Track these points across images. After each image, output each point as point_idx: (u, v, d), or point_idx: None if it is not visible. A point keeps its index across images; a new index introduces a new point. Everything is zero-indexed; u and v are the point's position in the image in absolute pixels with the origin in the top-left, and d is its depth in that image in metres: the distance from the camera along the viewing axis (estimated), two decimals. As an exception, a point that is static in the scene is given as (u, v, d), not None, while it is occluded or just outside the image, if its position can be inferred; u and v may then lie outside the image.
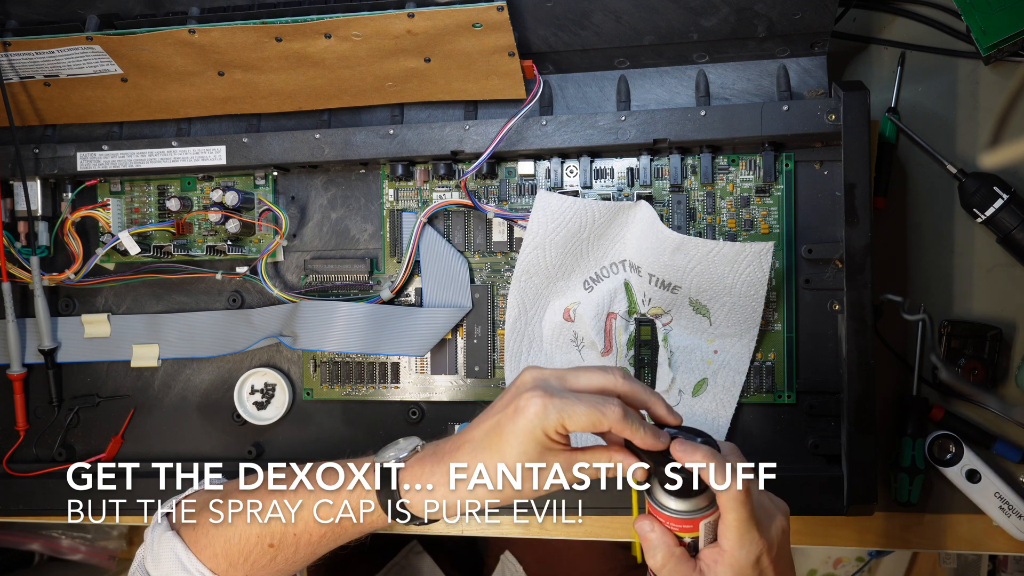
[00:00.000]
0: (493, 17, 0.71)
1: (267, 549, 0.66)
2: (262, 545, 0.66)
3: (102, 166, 0.84)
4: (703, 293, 0.76)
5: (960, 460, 0.80)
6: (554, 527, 0.87)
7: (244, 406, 0.86)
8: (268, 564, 0.66)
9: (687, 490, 0.57)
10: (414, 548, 1.13)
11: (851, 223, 0.72)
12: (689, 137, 0.76)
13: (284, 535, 0.65)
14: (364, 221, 0.85)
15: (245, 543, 0.66)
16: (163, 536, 0.67)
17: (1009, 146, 0.81)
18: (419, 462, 0.62)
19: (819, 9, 0.73)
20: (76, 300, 0.89)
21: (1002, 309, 0.81)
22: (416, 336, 0.81)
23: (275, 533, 0.65)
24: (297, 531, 0.65)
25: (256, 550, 0.66)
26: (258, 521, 0.65)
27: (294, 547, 0.66)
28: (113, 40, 0.76)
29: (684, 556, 0.59)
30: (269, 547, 0.66)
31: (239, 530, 0.66)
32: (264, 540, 0.66)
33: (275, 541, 0.66)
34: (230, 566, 0.66)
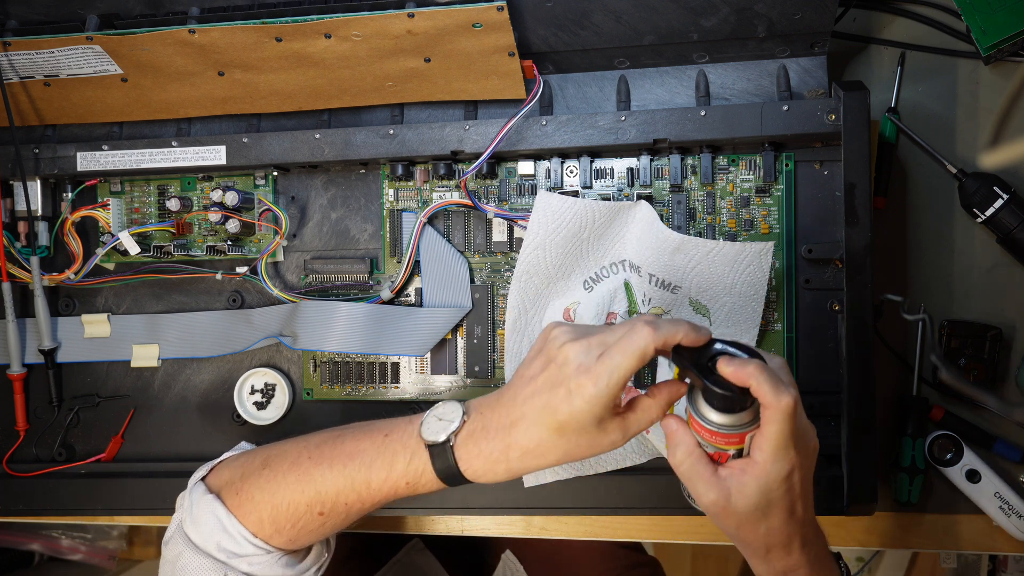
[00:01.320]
0: (493, 17, 0.71)
1: (317, 516, 0.66)
2: (312, 513, 0.66)
3: (102, 166, 0.84)
4: (703, 293, 0.76)
5: (960, 460, 0.80)
6: (554, 527, 0.87)
7: (244, 406, 0.86)
8: (317, 529, 0.67)
9: (733, 404, 0.56)
10: (416, 545, 1.13)
11: (851, 223, 0.72)
12: (689, 137, 0.76)
13: (335, 504, 0.66)
14: (364, 221, 0.85)
15: (294, 511, 0.66)
16: (203, 499, 0.67)
17: (1009, 146, 0.81)
18: (472, 439, 0.62)
19: (819, 9, 0.73)
20: (76, 300, 0.89)
21: (1002, 309, 0.81)
22: (416, 336, 0.81)
23: (326, 503, 0.66)
24: (349, 500, 0.65)
25: (305, 517, 0.66)
26: (309, 492, 0.66)
27: (345, 515, 0.66)
28: (113, 40, 0.76)
29: (704, 457, 0.59)
30: (319, 515, 0.66)
31: (289, 498, 0.66)
32: (314, 509, 0.66)
33: (325, 510, 0.66)
34: (276, 531, 0.66)
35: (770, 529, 0.59)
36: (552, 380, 0.58)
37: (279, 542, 0.67)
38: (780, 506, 0.58)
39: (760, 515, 0.58)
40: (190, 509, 0.68)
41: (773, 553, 0.60)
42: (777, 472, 0.56)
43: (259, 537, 0.66)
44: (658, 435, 0.77)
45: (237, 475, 0.69)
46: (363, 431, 0.67)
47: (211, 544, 0.66)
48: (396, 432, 0.65)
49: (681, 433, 0.59)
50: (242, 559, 0.66)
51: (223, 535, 0.66)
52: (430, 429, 0.63)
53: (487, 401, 0.63)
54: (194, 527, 0.67)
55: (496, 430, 0.61)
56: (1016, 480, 0.81)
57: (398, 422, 0.66)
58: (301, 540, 0.68)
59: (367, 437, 0.66)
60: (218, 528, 0.66)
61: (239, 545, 0.66)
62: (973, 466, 0.79)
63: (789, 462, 0.56)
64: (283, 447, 0.69)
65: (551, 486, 0.79)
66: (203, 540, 0.66)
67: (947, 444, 0.80)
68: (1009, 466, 0.81)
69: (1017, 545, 0.81)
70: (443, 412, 0.64)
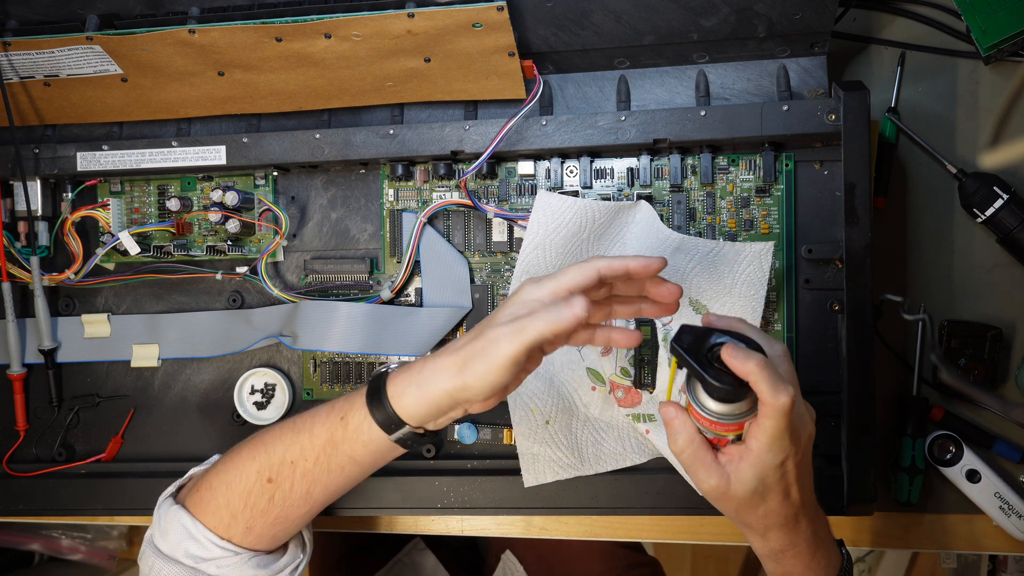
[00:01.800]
0: (493, 17, 0.71)
1: (266, 485, 0.66)
2: (261, 482, 0.66)
3: (102, 166, 0.84)
4: (703, 293, 0.76)
5: (960, 460, 0.80)
6: (554, 527, 0.87)
7: (244, 406, 0.86)
8: (267, 505, 0.66)
9: (733, 395, 0.57)
10: (417, 545, 1.13)
11: (851, 223, 0.72)
12: (689, 137, 0.76)
13: (281, 465, 0.65)
14: (364, 221, 0.85)
15: (245, 484, 0.66)
16: (169, 510, 0.68)
17: (1009, 146, 0.81)
18: (404, 368, 0.62)
19: (819, 9, 0.73)
20: (76, 300, 0.89)
21: (1002, 309, 0.81)
22: (416, 336, 0.81)
23: (272, 466, 0.65)
24: (294, 458, 0.65)
25: (256, 489, 0.66)
26: (259, 459, 0.66)
27: (291, 478, 0.65)
28: (113, 40, 0.76)
29: (705, 444, 0.60)
30: (268, 483, 0.66)
31: (239, 471, 0.66)
32: (263, 476, 0.66)
33: (273, 474, 0.66)
34: (232, 518, 0.66)
35: (768, 511, 0.60)
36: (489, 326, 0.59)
37: (238, 532, 0.67)
38: (776, 490, 0.59)
39: (758, 499, 0.60)
40: (158, 522, 0.69)
41: (771, 533, 0.62)
42: (772, 460, 0.58)
43: (220, 534, 0.67)
44: (658, 435, 0.77)
45: (198, 478, 0.70)
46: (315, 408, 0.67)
47: (179, 551, 0.67)
48: (342, 400, 0.65)
49: (682, 421, 0.61)
50: (210, 562, 0.66)
51: (190, 541, 0.67)
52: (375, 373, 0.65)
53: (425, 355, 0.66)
54: (162, 538, 0.68)
55: (424, 363, 0.61)
56: (1016, 480, 0.81)
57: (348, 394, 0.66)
58: (256, 525, 0.67)
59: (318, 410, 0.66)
60: (184, 535, 0.67)
61: (205, 549, 0.66)
62: (973, 466, 0.79)
63: (783, 451, 0.58)
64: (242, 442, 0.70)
65: (551, 486, 0.79)
66: (171, 549, 0.67)
67: (947, 444, 0.80)
68: (1009, 466, 0.81)
69: (1017, 545, 0.81)
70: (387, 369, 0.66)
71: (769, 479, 0.59)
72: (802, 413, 0.60)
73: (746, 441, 0.59)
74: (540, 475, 0.79)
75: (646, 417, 0.78)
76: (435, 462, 0.82)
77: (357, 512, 0.83)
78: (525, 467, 0.79)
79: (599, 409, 0.80)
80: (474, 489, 0.80)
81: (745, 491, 0.59)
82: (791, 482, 0.60)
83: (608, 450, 0.79)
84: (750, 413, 0.58)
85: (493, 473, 0.80)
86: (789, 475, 0.59)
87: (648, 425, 0.77)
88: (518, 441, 0.79)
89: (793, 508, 0.61)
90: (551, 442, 0.79)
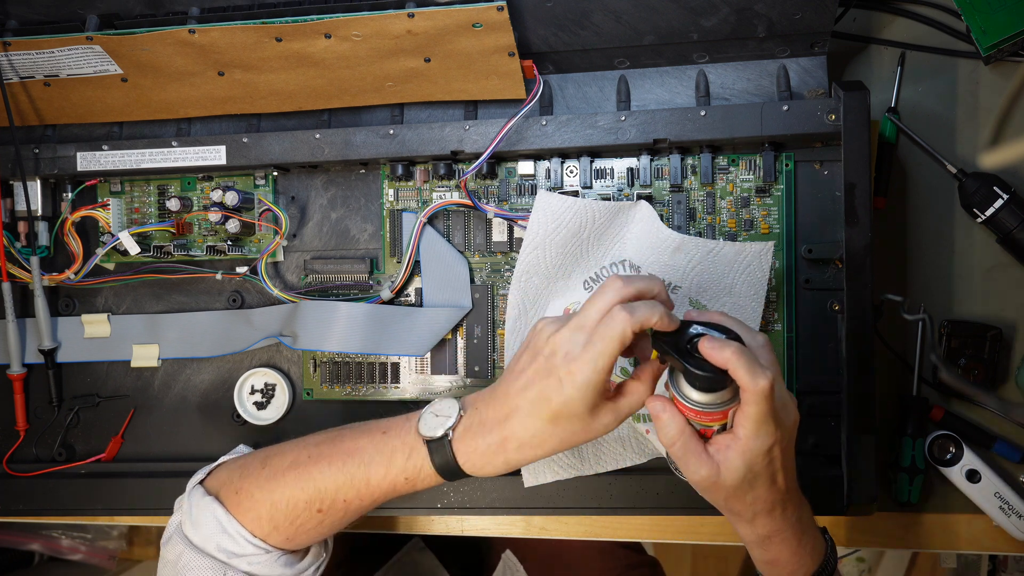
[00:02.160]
0: (493, 17, 0.71)
1: (315, 514, 0.67)
2: (311, 510, 0.67)
3: (102, 166, 0.84)
4: (703, 293, 0.76)
5: (960, 460, 0.80)
6: (554, 527, 0.87)
7: (244, 406, 0.86)
8: (315, 527, 0.68)
9: (714, 384, 0.58)
10: (416, 545, 1.13)
11: (851, 223, 0.72)
12: (689, 137, 0.76)
13: (335, 501, 0.67)
14: (364, 221, 0.85)
15: (293, 508, 0.67)
16: (201, 501, 0.68)
17: (1009, 146, 0.81)
18: (469, 433, 0.63)
19: (819, 9, 0.73)
20: (76, 300, 0.89)
21: (1002, 309, 0.81)
22: (416, 336, 0.81)
23: (325, 500, 0.67)
24: (348, 497, 0.67)
25: (304, 515, 0.67)
26: (308, 489, 0.67)
27: (343, 512, 0.68)
28: (113, 40, 0.76)
29: (695, 436, 0.61)
30: (318, 512, 0.67)
31: (288, 495, 0.67)
32: (313, 506, 0.67)
33: (324, 507, 0.67)
34: (274, 529, 0.67)
35: (755, 498, 0.61)
36: (542, 371, 0.61)
37: (277, 540, 0.68)
38: (763, 477, 0.60)
39: (747, 486, 0.60)
40: (189, 512, 0.68)
41: (758, 519, 0.63)
42: (759, 447, 0.59)
43: (257, 536, 0.67)
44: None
45: (236, 475, 0.70)
46: (361, 429, 0.68)
47: (211, 545, 0.67)
48: (394, 429, 0.66)
49: (670, 413, 0.61)
50: (242, 559, 0.67)
51: (223, 536, 0.67)
52: (427, 425, 0.64)
53: (482, 396, 0.65)
54: (194, 528, 0.67)
55: (492, 424, 0.63)
56: (1016, 480, 0.81)
57: (395, 420, 0.67)
58: (298, 539, 0.68)
59: (365, 435, 0.67)
60: (218, 529, 0.67)
61: (239, 545, 0.67)
62: (973, 466, 0.79)
63: (770, 436, 0.59)
64: (282, 447, 0.70)
65: (551, 486, 0.79)
66: (203, 541, 0.67)
67: (947, 444, 0.80)
68: (1009, 466, 0.81)
69: (1017, 545, 0.81)
70: (439, 408, 0.65)
71: (757, 466, 0.59)
72: (785, 400, 0.61)
73: (733, 429, 0.59)
74: (540, 475, 0.79)
75: (646, 417, 0.78)
76: (435, 462, 0.82)
77: (357, 512, 0.84)
78: (525, 467, 0.79)
79: (599, 409, 0.80)
80: (474, 489, 0.80)
81: (734, 479, 0.60)
82: (777, 468, 0.61)
83: (608, 450, 0.79)
84: (732, 401, 0.59)
85: (493, 473, 0.80)
86: (776, 461, 0.60)
87: (648, 425, 0.77)
88: (518, 441, 0.79)
89: (779, 494, 0.62)
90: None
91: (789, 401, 0.62)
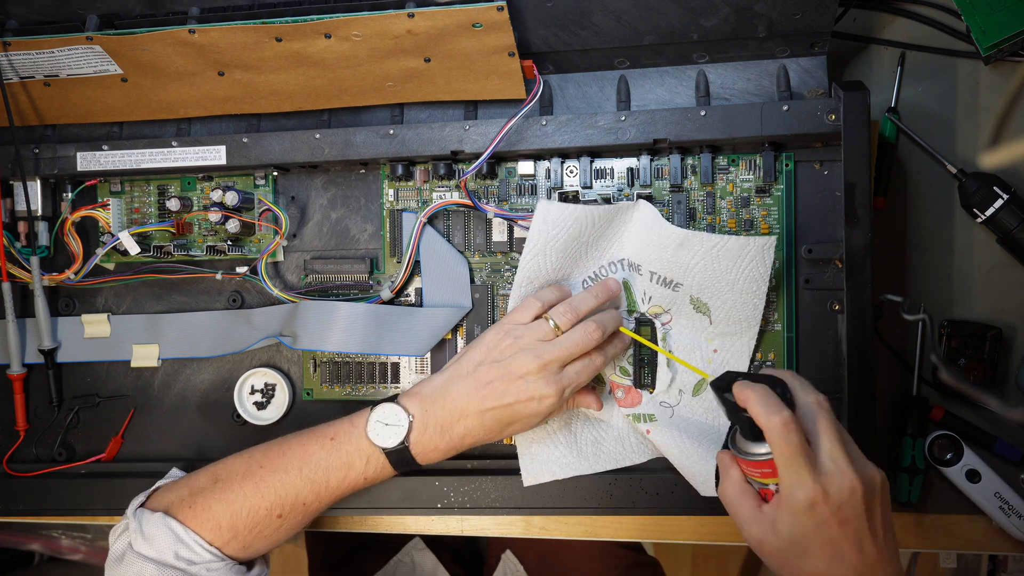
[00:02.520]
0: (493, 17, 0.71)
1: (275, 519, 0.70)
2: (271, 516, 0.70)
3: (102, 166, 0.84)
4: (704, 291, 0.76)
5: (960, 460, 0.80)
6: (554, 527, 0.87)
7: (244, 406, 0.86)
8: (273, 533, 0.71)
9: (746, 426, 0.58)
10: (416, 545, 1.13)
11: (851, 223, 0.72)
12: (689, 137, 0.76)
13: (294, 505, 0.70)
14: (364, 221, 0.85)
15: (253, 516, 0.69)
16: (152, 518, 0.69)
17: (1009, 146, 0.81)
18: (424, 436, 0.70)
19: (819, 9, 0.73)
20: (76, 300, 0.89)
21: (1002, 309, 0.81)
22: (416, 336, 0.81)
23: (285, 505, 0.70)
24: (307, 500, 0.70)
25: (264, 521, 0.70)
26: (268, 496, 0.69)
27: (302, 515, 0.71)
28: (113, 40, 0.76)
29: (749, 491, 0.60)
30: (278, 518, 0.70)
31: (248, 505, 0.69)
32: (274, 512, 0.70)
33: (284, 512, 0.70)
34: (233, 537, 0.69)
35: (815, 573, 0.56)
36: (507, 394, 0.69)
37: (234, 548, 0.70)
38: (817, 544, 0.56)
39: (799, 552, 0.56)
40: (138, 530, 0.69)
41: None
42: (797, 500, 0.55)
43: (214, 545, 0.69)
44: (659, 435, 0.77)
45: (184, 494, 0.71)
46: (306, 436, 0.72)
47: (169, 554, 0.68)
48: (341, 435, 0.71)
49: (728, 466, 0.61)
50: (200, 566, 0.68)
51: (179, 545, 0.68)
52: (380, 436, 0.69)
53: (429, 395, 0.70)
54: (148, 543, 0.68)
55: (447, 424, 0.70)
56: (1016, 480, 0.81)
57: (339, 426, 0.72)
58: (256, 545, 0.71)
59: (313, 442, 0.71)
60: (173, 539, 0.68)
61: (195, 553, 0.68)
62: (973, 466, 0.79)
63: (808, 489, 0.55)
64: (229, 462, 0.73)
65: (551, 486, 0.79)
66: (159, 553, 0.68)
67: (947, 444, 0.80)
68: (1009, 466, 0.81)
69: (1017, 545, 0.81)
70: (385, 416, 0.70)
71: (804, 526, 0.55)
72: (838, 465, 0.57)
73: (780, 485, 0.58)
74: (539, 475, 0.79)
75: (647, 417, 0.78)
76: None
77: (357, 512, 0.84)
78: (524, 467, 0.79)
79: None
80: (474, 489, 0.80)
81: (780, 539, 0.57)
82: (841, 538, 0.56)
83: (608, 450, 0.79)
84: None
85: (493, 473, 0.80)
86: (831, 530, 0.55)
87: (649, 425, 0.77)
88: (517, 441, 0.79)
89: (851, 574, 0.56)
90: (550, 442, 0.79)
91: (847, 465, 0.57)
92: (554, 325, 0.72)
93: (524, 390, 0.69)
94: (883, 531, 0.57)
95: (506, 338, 0.71)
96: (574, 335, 0.71)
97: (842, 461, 0.57)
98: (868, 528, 0.57)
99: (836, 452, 0.57)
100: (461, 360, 0.72)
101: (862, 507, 0.56)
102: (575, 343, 0.70)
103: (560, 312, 0.72)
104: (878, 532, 0.57)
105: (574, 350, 0.70)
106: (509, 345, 0.70)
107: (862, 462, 0.58)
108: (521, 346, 0.70)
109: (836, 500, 0.56)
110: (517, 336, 0.71)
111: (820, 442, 0.57)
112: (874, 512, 0.57)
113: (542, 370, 0.69)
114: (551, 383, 0.69)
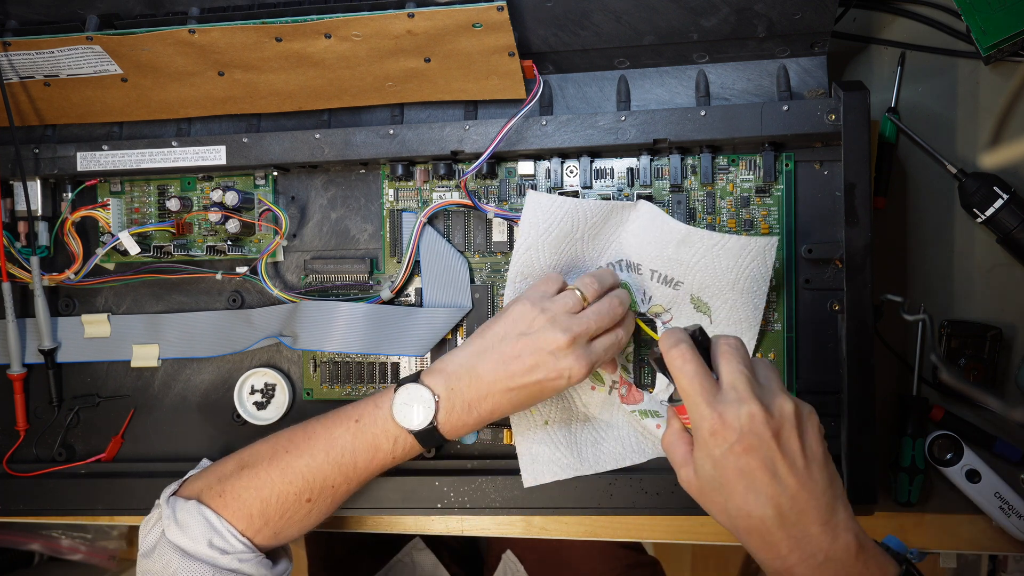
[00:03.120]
0: (493, 17, 0.71)
1: (304, 504, 0.70)
2: (300, 501, 0.70)
3: (102, 166, 0.84)
4: (705, 290, 0.76)
5: (960, 460, 0.80)
6: (554, 527, 0.87)
7: (244, 406, 0.86)
8: (303, 518, 0.71)
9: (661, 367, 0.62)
10: (416, 545, 1.13)
11: (851, 223, 0.72)
12: (689, 137, 0.76)
13: (323, 489, 0.70)
14: (364, 221, 0.85)
15: (283, 501, 0.69)
16: (185, 505, 0.69)
17: (1009, 146, 0.81)
18: (452, 415, 0.69)
19: (819, 9, 0.73)
20: (76, 300, 0.89)
21: (1002, 309, 0.81)
22: (416, 336, 0.81)
23: (314, 488, 0.70)
24: (336, 483, 0.70)
25: (294, 506, 0.70)
26: (296, 481, 0.69)
27: (331, 498, 0.71)
28: (113, 40, 0.76)
29: (683, 437, 0.62)
30: (307, 502, 0.70)
31: (277, 490, 0.69)
32: (303, 496, 0.70)
33: (314, 495, 0.70)
34: (265, 524, 0.69)
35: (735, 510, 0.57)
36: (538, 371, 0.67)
37: (264, 537, 0.70)
38: (729, 475, 0.56)
39: (716, 486, 0.58)
40: (172, 517, 0.69)
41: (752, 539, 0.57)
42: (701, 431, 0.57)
43: (246, 535, 0.69)
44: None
45: (213, 481, 0.71)
46: (331, 420, 0.71)
47: (202, 542, 0.67)
48: (367, 418, 0.70)
49: (670, 417, 0.64)
50: (232, 556, 0.68)
51: (213, 533, 0.68)
52: (407, 417, 0.68)
53: (453, 372, 0.69)
54: (181, 531, 0.68)
55: (475, 403, 0.68)
56: (1016, 480, 0.81)
57: (364, 407, 0.71)
58: (286, 531, 0.70)
59: (338, 425, 0.70)
60: (207, 527, 0.68)
61: (228, 543, 0.68)
62: (973, 466, 0.79)
63: (705, 418, 0.57)
64: (254, 448, 0.72)
65: (551, 486, 0.79)
66: (193, 541, 0.67)
67: (947, 444, 0.80)
68: (1009, 466, 0.81)
69: (1017, 545, 0.81)
70: (410, 396, 0.68)
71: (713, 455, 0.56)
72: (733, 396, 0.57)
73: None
74: (539, 475, 0.79)
75: (653, 413, 0.78)
76: (435, 462, 0.82)
77: (357, 512, 0.84)
78: (524, 467, 0.79)
79: (598, 409, 0.80)
80: (474, 489, 0.80)
81: (702, 477, 0.58)
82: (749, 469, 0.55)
83: (608, 450, 0.79)
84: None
85: (493, 473, 0.80)
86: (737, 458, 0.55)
87: (658, 420, 0.77)
88: (517, 441, 0.79)
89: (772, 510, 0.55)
90: (550, 442, 0.79)
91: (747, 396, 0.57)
92: (581, 296, 0.70)
93: (554, 366, 0.66)
94: (804, 462, 0.56)
95: (533, 309, 0.68)
96: (601, 307, 0.70)
97: (743, 390, 0.57)
98: (782, 456, 0.56)
99: (738, 382, 0.58)
100: (485, 333, 0.69)
101: (768, 434, 0.56)
102: (602, 315, 0.69)
103: (586, 283, 0.71)
104: (797, 462, 0.56)
105: (602, 323, 0.69)
106: (536, 317, 0.68)
107: (772, 393, 0.58)
108: (549, 318, 0.67)
109: (735, 427, 0.56)
110: (544, 308, 0.68)
111: (722, 375, 0.59)
112: (788, 441, 0.57)
113: (572, 344, 0.66)
114: (580, 358, 0.66)
